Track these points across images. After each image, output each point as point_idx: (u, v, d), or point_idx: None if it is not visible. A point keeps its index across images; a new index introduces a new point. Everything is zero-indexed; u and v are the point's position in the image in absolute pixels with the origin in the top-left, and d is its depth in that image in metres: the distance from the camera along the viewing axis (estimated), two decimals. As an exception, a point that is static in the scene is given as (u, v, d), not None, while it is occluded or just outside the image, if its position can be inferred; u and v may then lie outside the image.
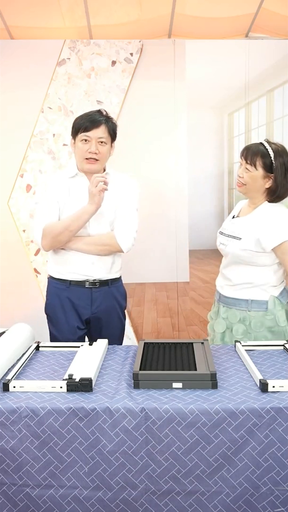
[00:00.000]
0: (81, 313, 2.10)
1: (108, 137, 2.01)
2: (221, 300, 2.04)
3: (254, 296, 1.95)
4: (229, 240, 1.97)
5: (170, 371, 1.50)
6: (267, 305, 1.95)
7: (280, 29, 3.25)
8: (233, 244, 1.95)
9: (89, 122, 1.96)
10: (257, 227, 1.91)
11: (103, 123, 1.98)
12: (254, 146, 1.91)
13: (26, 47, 3.27)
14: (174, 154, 3.39)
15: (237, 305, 1.98)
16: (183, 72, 3.31)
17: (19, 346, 1.71)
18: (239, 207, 2.13)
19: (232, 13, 3.12)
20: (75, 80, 3.31)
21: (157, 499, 1.35)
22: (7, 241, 3.39)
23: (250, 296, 1.95)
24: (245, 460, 1.32)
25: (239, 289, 1.97)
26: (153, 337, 3.45)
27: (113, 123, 2.04)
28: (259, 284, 1.95)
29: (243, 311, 1.96)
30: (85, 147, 1.97)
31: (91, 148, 1.97)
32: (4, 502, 1.37)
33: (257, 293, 1.96)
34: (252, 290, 1.95)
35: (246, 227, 1.95)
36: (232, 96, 3.46)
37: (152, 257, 3.38)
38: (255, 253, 1.91)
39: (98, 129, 1.97)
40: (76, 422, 1.33)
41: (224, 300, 2.02)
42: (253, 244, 1.90)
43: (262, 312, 1.95)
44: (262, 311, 1.95)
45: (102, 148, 1.99)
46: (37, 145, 3.33)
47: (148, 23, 3.21)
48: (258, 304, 1.95)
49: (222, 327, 2.02)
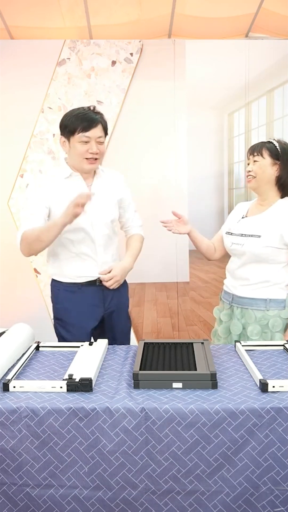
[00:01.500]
0: (95, 312, 2.10)
1: (104, 134, 2.00)
2: (235, 301, 2.02)
3: (272, 295, 1.96)
4: (246, 239, 1.96)
5: (170, 371, 1.50)
6: (285, 303, 1.96)
7: (280, 29, 3.25)
8: (252, 243, 1.94)
9: (86, 122, 1.91)
10: (279, 222, 1.93)
11: (99, 122, 1.96)
12: (260, 143, 2.00)
13: (26, 47, 3.27)
14: (174, 154, 3.39)
15: (254, 305, 1.97)
16: (183, 72, 3.31)
17: (19, 346, 1.71)
18: (243, 207, 2.12)
19: (232, 13, 3.12)
20: (75, 80, 3.31)
21: (157, 498, 1.35)
22: (7, 241, 3.38)
23: (268, 295, 1.96)
24: (245, 460, 1.32)
25: (257, 289, 1.96)
26: (153, 337, 3.45)
27: (105, 120, 2.01)
28: (277, 282, 1.96)
29: (261, 310, 1.96)
30: (84, 148, 1.94)
31: (91, 148, 1.94)
32: (4, 502, 1.37)
33: (275, 291, 1.96)
34: (270, 288, 1.96)
35: (265, 224, 1.95)
36: (232, 96, 3.46)
37: (152, 257, 3.38)
38: (277, 249, 1.93)
39: (96, 128, 1.93)
40: (76, 422, 1.33)
41: (239, 301, 2.00)
42: (276, 240, 1.92)
43: (279, 311, 1.96)
44: (279, 309, 1.96)
45: (101, 147, 1.99)
46: (37, 145, 3.33)
47: (148, 23, 3.21)
48: (276, 303, 1.96)
49: (238, 328, 2.00)
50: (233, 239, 2.02)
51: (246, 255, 1.96)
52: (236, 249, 2.00)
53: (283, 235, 1.91)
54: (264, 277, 1.96)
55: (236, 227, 2.05)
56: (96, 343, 1.80)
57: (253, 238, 1.94)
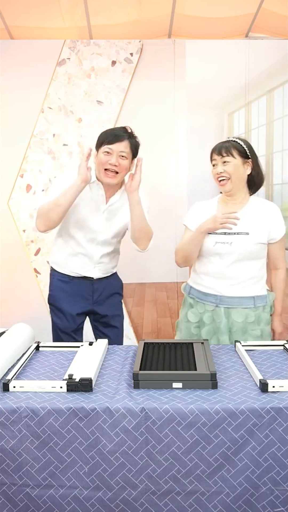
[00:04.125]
0: (83, 303, 2.22)
1: (130, 152, 2.05)
2: (222, 302, 1.98)
3: (258, 291, 1.98)
4: (233, 237, 1.94)
5: (170, 371, 1.50)
6: (267, 298, 2.00)
7: (280, 29, 3.25)
8: (241, 240, 1.94)
9: (113, 136, 2.02)
10: (265, 219, 1.96)
11: (127, 139, 2.03)
12: (222, 143, 1.99)
13: (26, 47, 3.27)
14: (174, 154, 3.39)
15: (243, 304, 1.96)
16: (183, 72, 3.31)
17: (19, 346, 1.71)
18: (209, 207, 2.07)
19: (232, 13, 3.12)
20: (75, 80, 3.30)
21: (157, 499, 1.35)
22: (7, 241, 3.38)
23: (255, 292, 1.97)
24: (245, 460, 1.32)
25: (246, 286, 1.96)
26: (153, 337, 3.45)
27: (136, 141, 2.08)
28: (261, 277, 2.00)
29: (248, 308, 1.96)
30: (106, 158, 2.02)
31: (112, 160, 2.01)
32: (4, 502, 1.37)
33: (259, 288, 1.99)
34: (256, 285, 1.98)
35: (250, 221, 1.96)
36: (232, 96, 3.45)
37: (152, 257, 3.38)
38: (263, 245, 1.97)
39: (121, 143, 2.02)
40: (76, 422, 1.33)
41: (227, 301, 1.98)
42: (265, 236, 1.95)
43: (263, 307, 1.99)
44: (263, 305, 1.98)
45: (123, 161, 2.03)
46: (37, 145, 3.33)
47: (148, 23, 3.21)
48: (261, 299, 1.98)
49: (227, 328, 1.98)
50: (216, 238, 1.97)
51: (235, 254, 1.94)
52: (221, 248, 1.96)
53: (271, 232, 1.96)
54: (250, 274, 1.97)
55: None
56: (96, 343, 1.80)
57: (241, 236, 1.94)
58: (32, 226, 3.36)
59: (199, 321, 2.06)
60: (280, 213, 2.01)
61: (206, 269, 2.02)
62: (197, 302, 2.06)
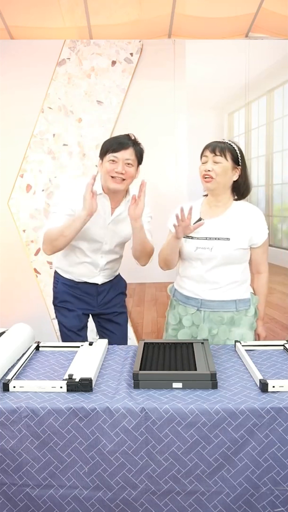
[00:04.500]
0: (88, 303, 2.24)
1: (135, 159, 2.05)
2: (204, 306, 1.96)
3: (240, 295, 1.97)
4: (214, 242, 1.93)
5: (170, 371, 1.50)
6: (250, 302, 1.99)
7: (280, 29, 3.25)
8: (222, 246, 1.92)
9: (117, 144, 2.01)
10: (247, 225, 1.95)
11: (131, 146, 2.03)
12: (218, 142, 1.97)
13: (26, 47, 3.27)
14: (174, 154, 3.39)
15: (225, 307, 1.95)
16: (183, 72, 3.31)
17: (19, 346, 1.71)
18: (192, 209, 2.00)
19: (232, 13, 3.12)
20: (75, 80, 3.30)
21: (157, 499, 1.35)
22: (7, 241, 3.38)
23: (237, 296, 1.97)
24: (245, 460, 1.32)
25: (227, 290, 1.95)
26: (153, 337, 3.45)
27: (140, 148, 2.08)
28: (243, 281, 1.99)
29: (230, 312, 1.96)
30: (112, 167, 2.01)
31: (118, 168, 2.00)
32: (4, 502, 1.37)
33: (242, 291, 1.98)
34: (238, 289, 1.97)
35: (231, 226, 1.94)
36: (232, 96, 3.45)
37: (152, 257, 3.38)
38: (245, 250, 1.96)
39: (126, 151, 2.01)
40: (76, 422, 1.33)
41: (208, 305, 1.96)
42: (246, 241, 1.94)
43: (246, 310, 1.98)
44: (246, 308, 1.98)
45: (129, 169, 2.03)
46: (37, 145, 3.33)
47: (148, 23, 3.21)
48: (243, 302, 1.98)
49: (205, 333, 1.97)
50: (197, 243, 1.95)
51: (216, 259, 1.92)
52: (202, 253, 1.94)
53: (252, 237, 1.95)
54: (232, 278, 1.95)
55: (196, 231, 1.94)
56: (96, 343, 1.80)
57: (222, 241, 1.92)
58: (32, 226, 3.39)
59: (178, 323, 2.05)
60: (263, 217, 2.00)
61: (188, 273, 2.01)
62: (179, 304, 2.05)
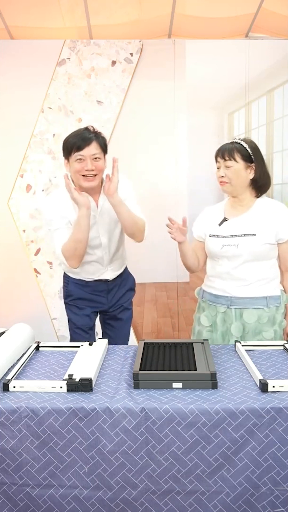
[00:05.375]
0: (99, 301, 2.25)
1: (101, 152, 2.03)
2: (234, 304, 1.97)
3: (271, 291, 1.96)
4: (240, 239, 1.93)
5: (170, 371, 1.50)
6: (281, 299, 1.98)
7: (280, 29, 3.25)
8: (248, 242, 1.92)
9: (81, 141, 1.97)
10: (272, 220, 1.94)
11: (94, 140, 1.99)
12: (227, 145, 1.95)
13: (26, 47, 3.27)
14: (174, 154, 3.39)
15: (254, 304, 1.95)
16: (183, 72, 3.31)
17: (19, 346, 1.71)
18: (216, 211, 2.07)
19: (232, 13, 3.12)
20: (75, 80, 3.30)
21: (157, 498, 1.35)
22: (7, 241, 3.39)
23: (268, 293, 1.96)
24: (245, 460, 1.32)
25: (256, 287, 1.95)
26: (153, 337, 3.45)
27: (103, 138, 2.06)
28: (272, 278, 1.98)
29: (261, 309, 1.95)
30: (81, 165, 1.99)
31: (87, 166, 1.98)
32: (4, 502, 1.37)
33: (272, 288, 1.97)
34: (268, 285, 1.96)
35: (256, 222, 1.94)
36: (232, 96, 3.46)
37: (152, 257, 3.39)
38: (272, 245, 1.95)
39: (90, 146, 1.97)
40: (76, 422, 1.33)
41: (238, 302, 1.96)
42: (272, 236, 1.93)
43: (276, 307, 1.97)
44: (277, 305, 1.97)
45: (97, 163, 2.01)
46: (37, 145, 3.33)
47: (148, 23, 3.21)
48: (274, 299, 1.96)
49: (239, 330, 1.96)
50: (223, 241, 1.97)
51: (243, 256, 1.93)
52: (228, 250, 1.95)
53: (279, 232, 1.94)
54: (261, 275, 1.95)
55: (221, 229, 1.99)
56: (96, 343, 1.80)
57: (248, 237, 1.93)
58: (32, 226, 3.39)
59: (212, 324, 2.05)
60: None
61: (216, 271, 2.02)
62: (209, 305, 2.05)
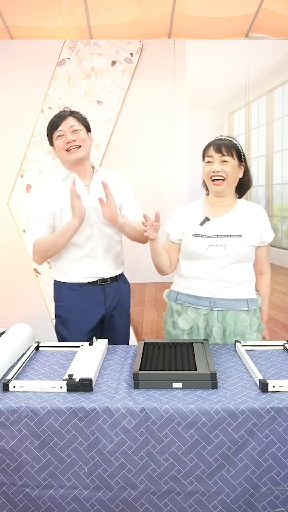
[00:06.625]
0: (96, 310, 2.12)
1: (80, 124, 2.05)
2: (217, 305, 1.92)
3: (250, 294, 1.95)
4: (226, 239, 1.89)
5: (170, 371, 1.50)
6: (257, 302, 1.98)
7: (280, 29, 3.25)
8: (235, 243, 1.89)
9: (56, 118, 2.04)
10: (255, 222, 1.94)
11: (69, 115, 2.05)
12: (224, 140, 1.91)
13: (26, 47, 3.27)
14: (174, 154, 3.39)
15: (237, 306, 1.92)
16: (183, 72, 3.31)
17: (19, 346, 1.71)
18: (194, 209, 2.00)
19: (232, 13, 3.12)
20: (75, 80, 3.30)
21: (157, 499, 1.35)
22: (7, 241, 3.38)
23: (248, 295, 1.94)
24: (245, 460, 1.32)
25: (239, 289, 1.93)
26: (153, 337, 3.45)
27: (81, 115, 2.10)
28: (251, 281, 1.97)
29: (243, 311, 1.93)
30: (62, 141, 2.02)
31: (68, 137, 2.01)
32: (4, 503, 1.37)
33: (251, 291, 1.97)
34: (247, 288, 1.95)
35: (242, 224, 1.92)
36: (232, 96, 3.46)
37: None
38: (253, 248, 1.95)
39: (66, 120, 2.03)
40: (76, 422, 1.33)
41: (221, 304, 1.91)
42: (257, 238, 1.93)
43: (254, 311, 1.96)
44: (254, 308, 1.96)
45: (78, 135, 2.03)
46: (37, 145, 3.33)
47: (148, 23, 3.21)
48: (252, 302, 1.95)
49: (221, 331, 1.92)
50: (208, 241, 1.89)
51: (230, 256, 1.89)
52: (215, 251, 1.89)
53: (263, 235, 1.95)
54: (243, 277, 1.93)
55: (204, 229, 1.92)
56: (96, 343, 1.80)
57: (234, 238, 1.89)
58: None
59: (192, 327, 1.97)
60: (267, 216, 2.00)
61: (198, 272, 1.94)
62: (187, 307, 1.97)
